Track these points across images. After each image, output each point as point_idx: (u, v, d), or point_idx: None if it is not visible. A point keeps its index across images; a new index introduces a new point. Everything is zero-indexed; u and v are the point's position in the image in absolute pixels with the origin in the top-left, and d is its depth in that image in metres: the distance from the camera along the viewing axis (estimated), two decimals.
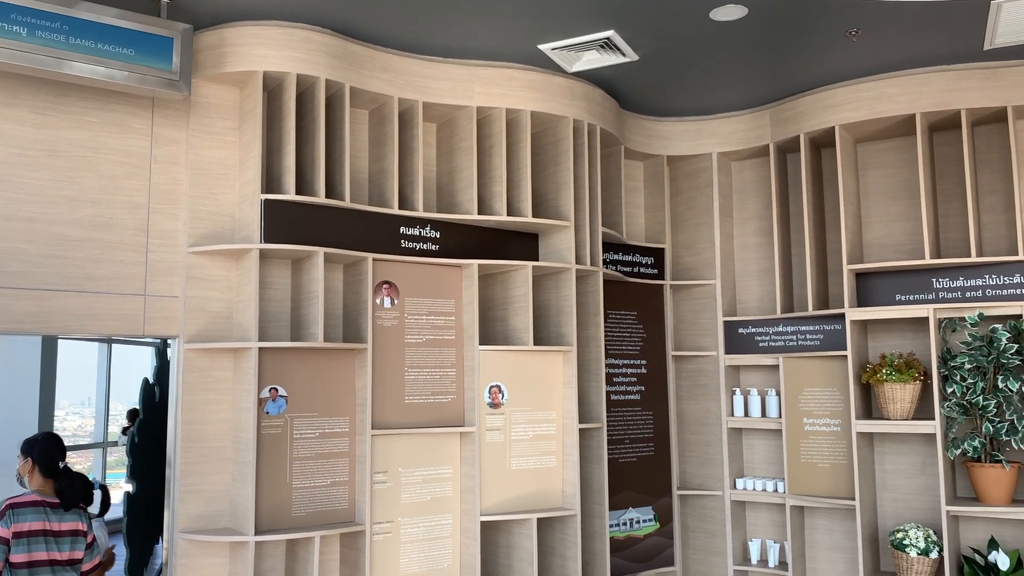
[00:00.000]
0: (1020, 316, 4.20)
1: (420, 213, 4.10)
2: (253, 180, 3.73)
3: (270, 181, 3.85)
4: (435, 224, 4.17)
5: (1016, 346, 4.13)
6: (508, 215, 4.29)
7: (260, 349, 3.65)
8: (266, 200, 3.69)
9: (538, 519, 4.26)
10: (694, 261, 5.23)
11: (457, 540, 4.15)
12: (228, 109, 3.92)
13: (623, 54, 4.15)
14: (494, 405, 4.19)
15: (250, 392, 3.60)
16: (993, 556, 4.09)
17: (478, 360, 4.15)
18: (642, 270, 5.13)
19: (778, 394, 4.90)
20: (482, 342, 4.33)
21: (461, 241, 4.25)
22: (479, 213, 4.28)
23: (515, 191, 4.36)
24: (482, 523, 4.17)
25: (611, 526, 4.74)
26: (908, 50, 4.16)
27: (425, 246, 4.13)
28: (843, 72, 4.46)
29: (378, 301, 4.01)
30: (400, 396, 4.03)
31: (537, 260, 4.52)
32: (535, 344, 4.42)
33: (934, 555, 4.19)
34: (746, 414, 5.00)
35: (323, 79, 3.83)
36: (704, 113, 5.14)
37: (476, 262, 4.20)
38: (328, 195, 3.93)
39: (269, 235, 3.67)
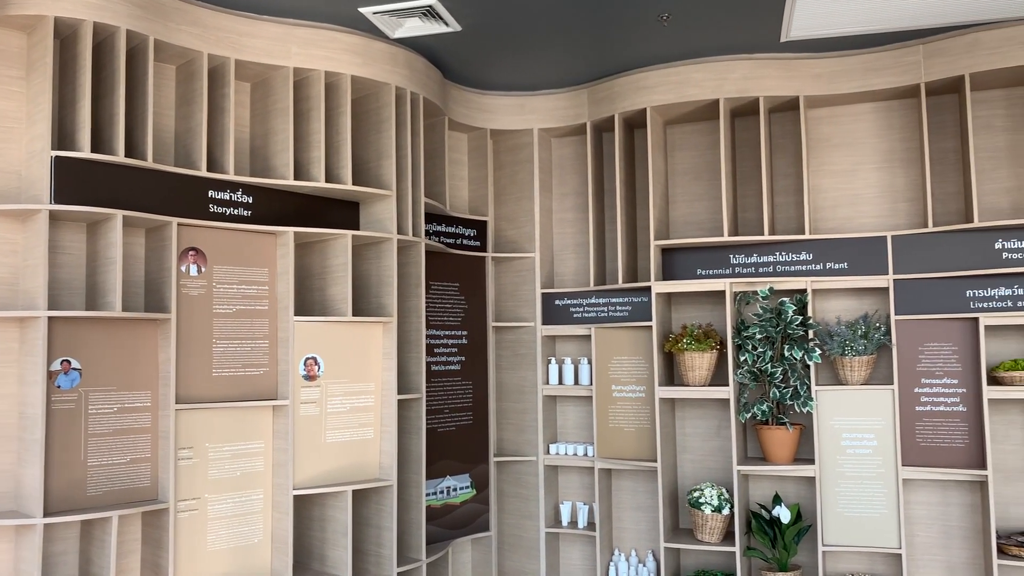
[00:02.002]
0: (805, 290, 4.59)
1: (231, 176, 3.91)
2: (42, 135, 3.42)
3: (63, 138, 3.55)
4: (247, 188, 4.00)
5: (801, 318, 4.51)
6: (327, 182, 4.19)
7: (50, 319, 3.38)
8: (57, 157, 3.39)
9: (353, 491, 4.23)
10: (515, 234, 5.33)
11: (269, 515, 4.05)
12: (14, 56, 3.56)
13: (446, 23, 4.13)
14: (309, 377, 4.10)
15: (38, 364, 3.33)
16: (777, 510, 4.48)
17: (293, 331, 4.04)
18: (465, 242, 5.17)
19: (590, 363, 5.11)
20: (298, 313, 4.22)
21: (276, 207, 4.10)
22: (296, 179, 4.14)
23: (334, 157, 4.26)
24: (296, 497, 4.09)
25: (428, 495, 4.79)
26: (714, 38, 4.40)
27: (236, 212, 3.95)
28: (655, 56, 4.66)
29: (184, 269, 3.80)
30: (207, 369, 3.86)
31: (357, 229, 4.44)
32: (354, 315, 4.36)
33: (726, 511, 4.53)
34: (560, 382, 5.18)
35: (124, 29, 3.55)
36: (527, 89, 5.22)
37: (292, 230, 4.08)
38: (128, 154, 3.67)
39: (60, 195, 3.38)
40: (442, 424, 4.94)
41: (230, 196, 3.93)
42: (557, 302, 5.18)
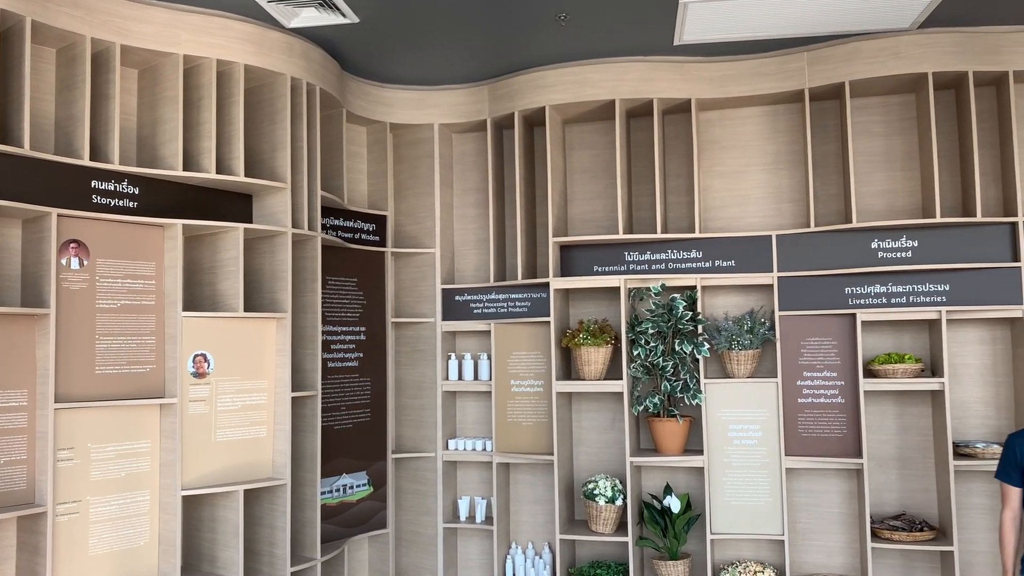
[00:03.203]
0: (695, 287, 4.73)
1: (116, 166, 3.76)
2: None
3: None
4: (133, 179, 3.86)
5: (691, 313, 4.65)
6: (218, 173, 4.07)
7: None
8: None
9: (245, 491, 4.14)
10: (416, 229, 5.31)
11: (156, 517, 3.92)
12: None
13: (343, 14, 4.07)
14: (199, 375, 3.98)
15: None
16: (667, 500, 4.61)
17: (181, 327, 3.92)
18: (364, 236, 5.12)
19: (489, 358, 5.14)
20: (187, 308, 4.09)
21: (164, 199, 3.96)
22: (185, 170, 4.01)
23: (226, 148, 4.14)
24: (184, 498, 3.97)
25: (324, 493, 4.72)
26: (611, 39, 4.48)
27: (122, 203, 3.81)
28: (554, 55, 4.72)
29: (64, 262, 3.63)
30: (90, 366, 3.71)
31: (250, 222, 4.34)
32: (246, 311, 4.25)
33: (619, 502, 4.64)
34: (460, 378, 5.19)
35: None
36: (427, 84, 5.20)
37: (181, 222, 3.95)
38: (2, 140, 3.49)
39: None
40: (339, 422, 4.88)
41: (115, 187, 3.78)
42: (457, 298, 5.19)
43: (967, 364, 4.56)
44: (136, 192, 3.86)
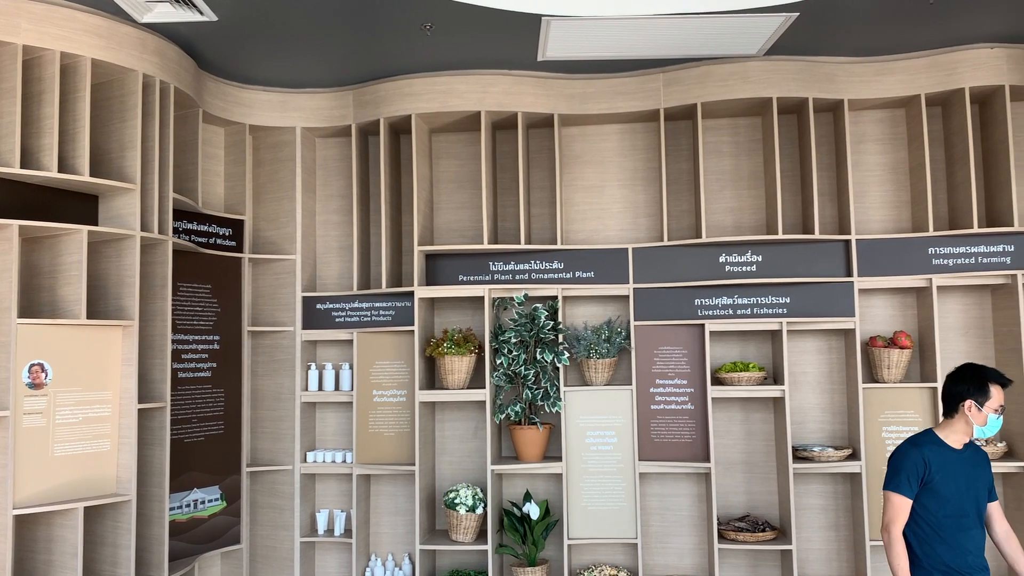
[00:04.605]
0: (556, 297, 4.84)
1: None
2: None
3: None
4: None
5: (552, 323, 4.75)
6: (60, 172, 3.84)
7: None
8: None
9: (86, 508, 3.89)
10: (276, 235, 5.17)
11: None
12: None
13: (200, 12, 3.93)
14: (35, 385, 3.73)
15: None
16: (527, 507, 4.68)
17: (15, 335, 3.65)
18: (219, 241, 4.94)
19: (351, 368, 5.06)
20: (22, 315, 3.83)
21: None
22: (23, 167, 3.75)
23: (70, 145, 3.91)
24: (17, 517, 3.70)
25: (173, 509, 4.51)
26: (477, 51, 4.53)
27: None
28: (421, 64, 4.72)
29: None
30: None
31: (95, 224, 4.11)
32: (89, 318, 4.01)
33: (480, 511, 4.67)
34: (320, 388, 5.09)
35: None
36: (290, 86, 5.08)
37: (16, 223, 3.69)
38: None
39: None
40: (190, 434, 4.68)
41: None
42: (319, 306, 5.09)
43: (805, 372, 4.87)
44: None
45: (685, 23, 4.10)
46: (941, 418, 3.21)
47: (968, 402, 3.06)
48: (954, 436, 3.11)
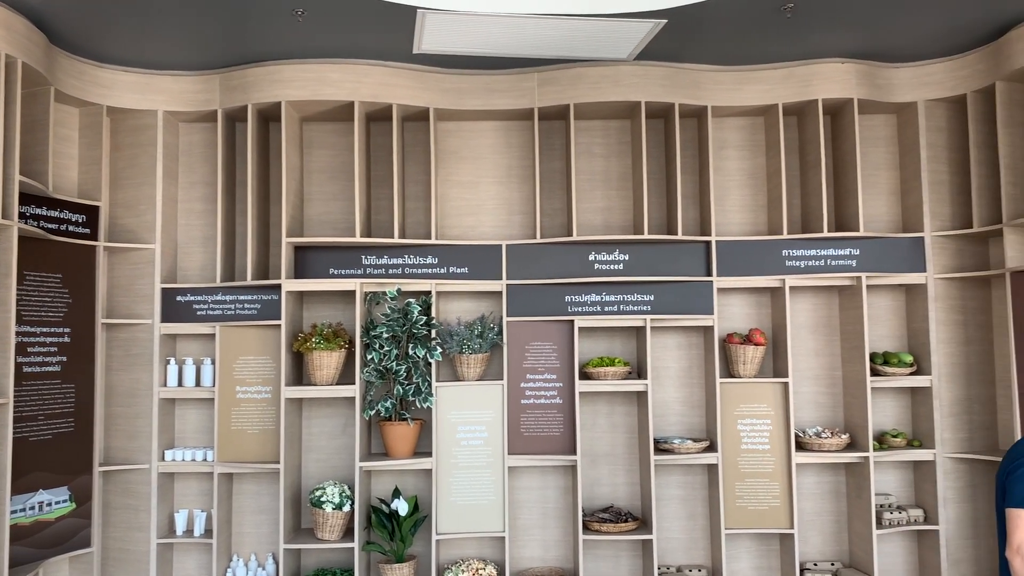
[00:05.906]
0: (430, 292, 4.82)
1: None
2: None
3: None
4: None
5: (425, 318, 4.73)
6: None
7: None
8: None
9: None
10: (134, 223, 4.91)
11: None
12: None
13: None
14: None
15: None
16: (395, 503, 4.64)
17: None
18: (71, 228, 4.65)
19: (213, 363, 4.88)
20: None
21: None
22: None
23: None
24: None
25: (16, 512, 4.22)
26: (350, 40, 4.45)
27: None
28: (291, 50, 4.59)
29: None
30: None
31: None
32: None
33: (347, 508, 4.60)
34: (180, 384, 4.87)
35: None
36: (152, 67, 4.83)
37: None
38: None
39: None
40: (35, 432, 4.38)
41: None
42: (180, 298, 4.87)
43: (667, 367, 5.05)
44: None
45: (559, 24, 4.17)
46: None
47: None
48: None
